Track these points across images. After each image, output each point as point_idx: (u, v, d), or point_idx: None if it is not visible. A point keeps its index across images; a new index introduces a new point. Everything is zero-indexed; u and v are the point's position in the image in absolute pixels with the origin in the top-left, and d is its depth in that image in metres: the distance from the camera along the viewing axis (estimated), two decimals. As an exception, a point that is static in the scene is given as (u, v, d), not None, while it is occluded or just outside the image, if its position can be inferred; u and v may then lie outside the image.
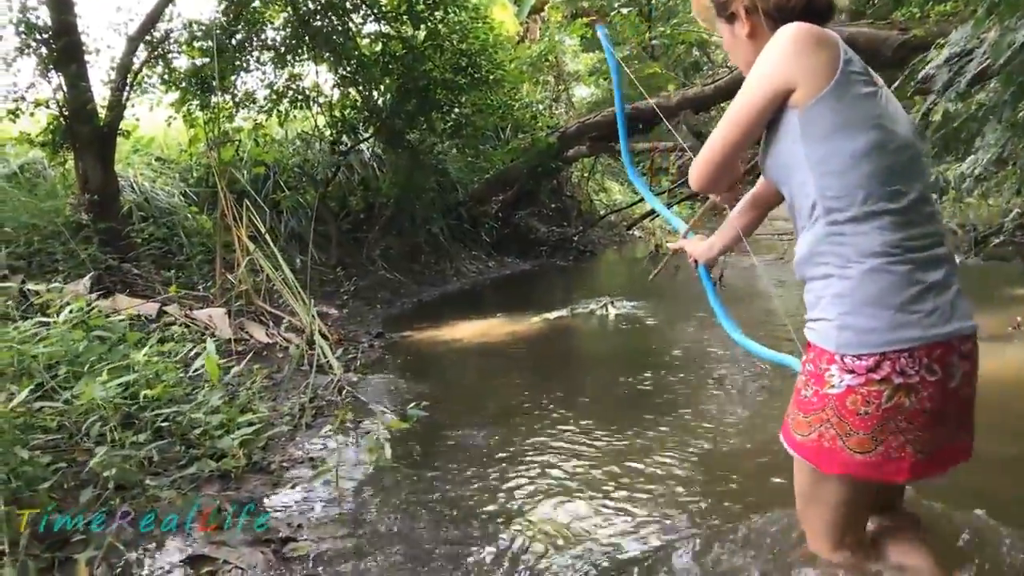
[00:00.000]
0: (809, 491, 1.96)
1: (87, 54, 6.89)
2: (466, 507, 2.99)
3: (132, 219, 6.94)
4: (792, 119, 1.76)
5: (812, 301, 1.85)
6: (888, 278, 1.72)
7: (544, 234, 12.41)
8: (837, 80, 1.71)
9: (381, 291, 8.12)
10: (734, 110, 1.85)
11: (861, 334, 1.72)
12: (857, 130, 1.72)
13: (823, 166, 1.75)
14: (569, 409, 4.19)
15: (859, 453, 1.76)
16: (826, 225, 1.77)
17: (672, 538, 2.63)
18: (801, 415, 1.85)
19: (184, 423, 3.43)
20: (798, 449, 1.87)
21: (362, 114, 8.92)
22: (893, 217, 1.73)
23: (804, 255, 1.85)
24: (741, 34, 1.95)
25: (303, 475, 3.31)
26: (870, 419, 1.73)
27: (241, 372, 4.55)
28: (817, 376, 1.80)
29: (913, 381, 1.70)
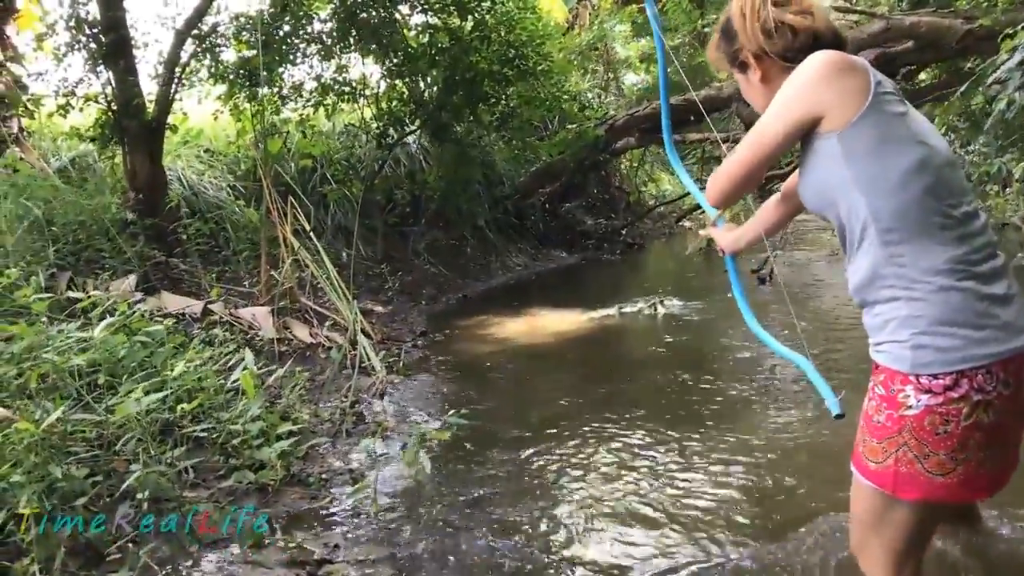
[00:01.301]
0: (875, 519, 1.87)
1: (135, 49, 6.92)
2: (507, 527, 2.91)
3: (180, 213, 6.95)
4: (830, 144, 1.76)
5: (878, 324, 1.81)
6: (957, 296, 1.69)
7: (591, 227, 12.25)
8: (872, 101, 1.72)
9: (426, 286, 8.05)
10: (756, 133, 1.87)
11: (937, 353, 1.68)
12: (902, 147, 1.73)
13: (873, 186, 1.73)
14: (616, 419, 4.08)
15: (939, 475, 1.72)
16: (883, 247, 1.75)
17: (721, 561, 2.53)
18: (874, 441, 1.79)
19: (223, 432, 3.40)
20: (873, 478, 1.81)
21: (408, 106, 8.85)
22: (951, 232, 1.72)
23: (864, 279, 1.81)
24: (754, 80, 2.00)
25: (342, 489, 3.25)
26: (949, 438, 1.69)
27: (284, 375, 4.51)
28: (890, 399, 1.75)
29: (991, 397, 1.67)
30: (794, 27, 1.89)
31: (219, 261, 6.99)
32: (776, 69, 1.93)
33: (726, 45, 2.05)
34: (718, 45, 2.09)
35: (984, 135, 9.19)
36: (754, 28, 1.92)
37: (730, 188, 2.01)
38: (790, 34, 1.89)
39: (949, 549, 2.33)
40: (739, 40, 1.98)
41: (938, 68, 9.77)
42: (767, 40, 1.91)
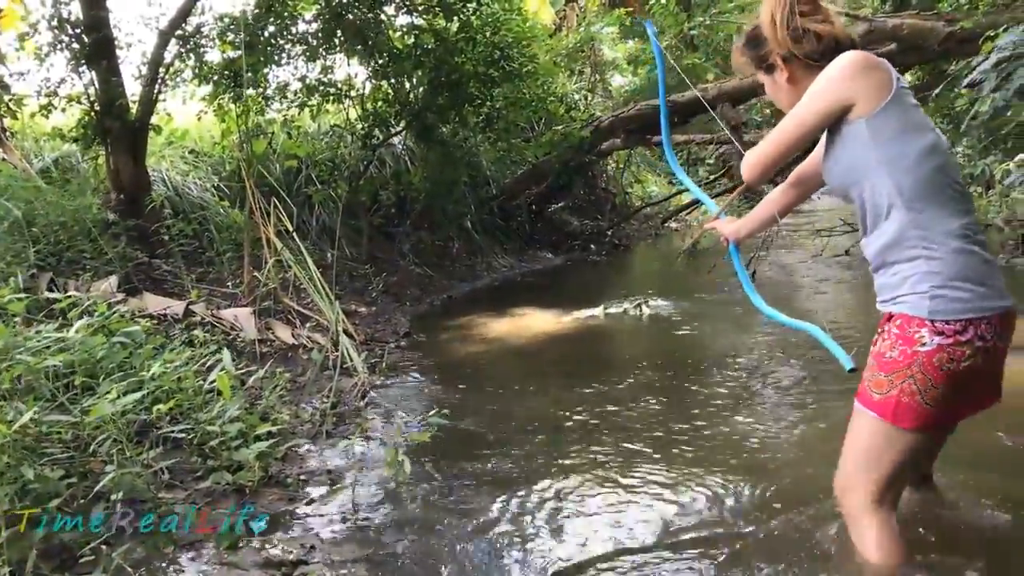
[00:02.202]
0: (874, 448, 2.16)
1: (118, 49, 6.89)
2: (487, 527, 2.89)
3: (163, 214, 6.92)
4: (858, 129, 2.08)
5: (896, 282, 2.11)
6: (968, 257, 2.04)
7: (577, 228, 12.26)
8: (895, 93, 2.06)
9: (411, 287, 8.04)
10: (795, 117, 2.17)
11: (951, 303, 2.01)
12: (918, 133, 2.07)
13: (897, 164, 2.06)
14: (599, 420, 4.07)
15: (932, 406, 2.05)
16: (909, 213, 2.06)
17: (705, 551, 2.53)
18: (882, 375, 2.10)
19: (201, 433, 3.38)
20: (875, 407, 2.12)
21: (394, 107, 8.84)
22: (959, 204, 2.08)
23: (890, 242, 2.11)
24: (781, 81, 2.31)
25: (320, 490, 3.24)
26: (950, 375, 2.02)
27: (264, 376, 4.50)
28: (906, 338, 2.06)
29: (988, 345, 2.03)
30: (819, 33, 2.19)
31: (203, 262, 6.96)
32: (802, 71, 2.24)
33: (752, 50, 2.36)
34: (743, 51, 2.40)
35: (967, 137, 9.25)
36: (784, 34, 2.21)
37: (766, 164, 2.27)
38: (815, 39, 2.19)
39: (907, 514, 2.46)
40: (767, 45, 2.28)
41: (921, 70, 9.83)
42: (795, 45, 2.21)
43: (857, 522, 2.22)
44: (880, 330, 2.16)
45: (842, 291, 7.75)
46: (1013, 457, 3.27)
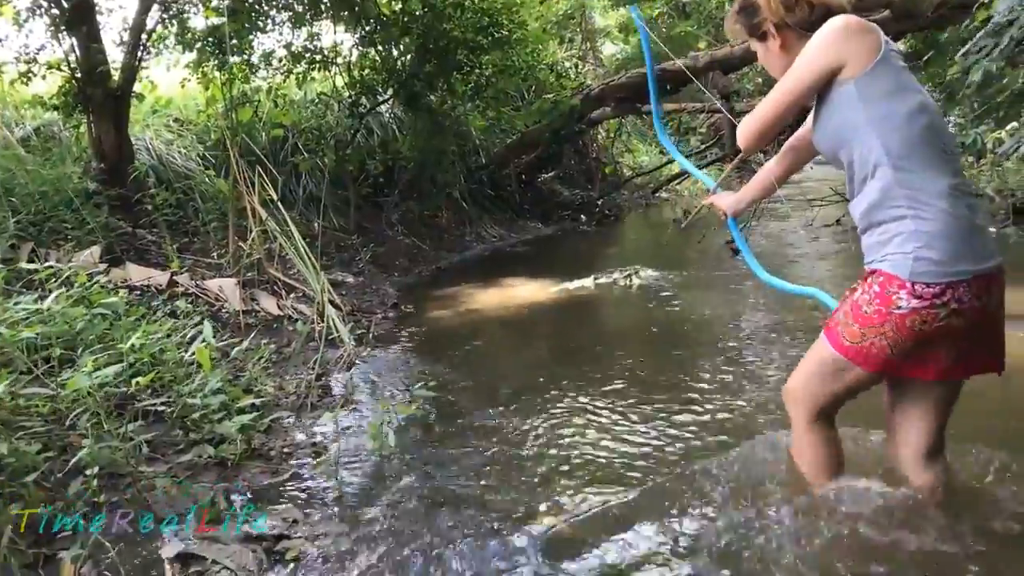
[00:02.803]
0: (825, 373, 2.28)
1: (99, 15, 6.76)
2: (471, 500, 2.85)
3: (147, 184, 6.82)
4: (848, 90, 2.12)
5: (883, 241, 2.14)
6: (954, 219, 2.04)
7: (567, 198, 12.18)
8: (883, 55, 2.09)
9: (399, 258, 7.98)
10: (788, 80, 2.21)
11: (933, 265, 2.03)
12: (906, 93, 2.10)
13: (885, 124, 2.09)
14: (588, 390, 4.02)
15: (899, 356, 2.13)
16: (895, 172, 2.09)
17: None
18: (856, 326, 2.17)
19: (182, 406, 3.33)
20: (843, 351, 2.21)
21: (381, 75, 8.72)
22: (948, 165, 2.09)
23: (876, 201, 2.14)
24: (774, 48, 2.33)
25: (303, 463, 3.20)
26: (922, 334, 2.08)
27: (249, 347, 4.44)
28: (884, 297, 2.10)
29: (965, 307, 2.05)
30: (810, 1, 2.23)
31: (188, 232, 6.88)
32: (794, 38, 2.27)
33: (746, 18, 2.37)
34: (736, 18, 2.40)
35: (960, 106, 9.18)
36: (776, 3, 2.27)
37: (762, 128, 2.31)
38: (807, 7, 2.24)
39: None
40: (761, 13, 2.31)
41: (915, 38, 9.74)
42: (788, 13, 2.26)
43: (797, 428, 2.41)
44: (866, 282, 2.19)
45: (840, 262, 7.73)
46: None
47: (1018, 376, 2.61)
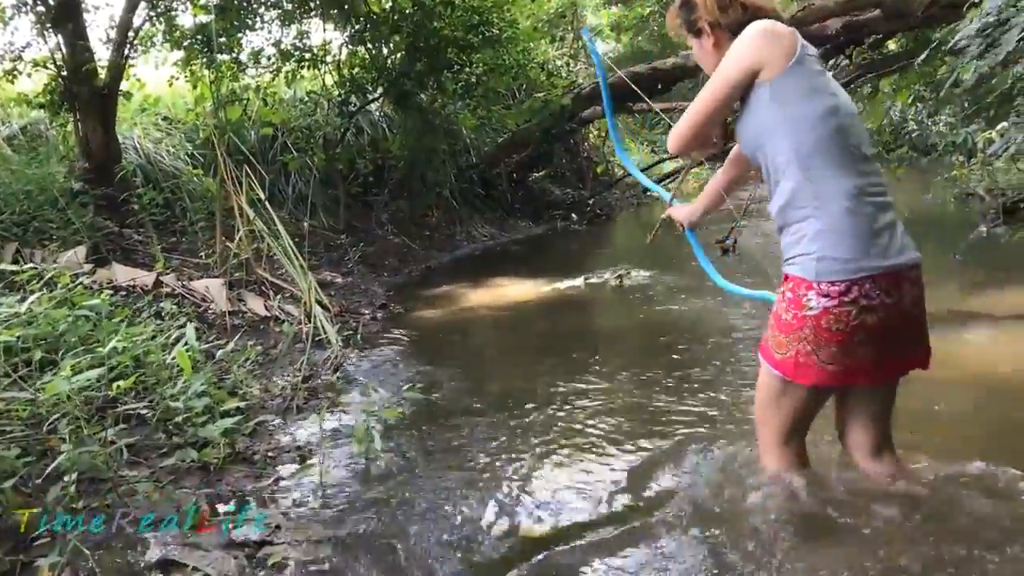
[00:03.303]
0: (773, 399, 2.35)
1: (85, 12, 6.71)
2: (458, 503, 2.81)
3: (135, 183, 6.77)
4: (764, 92, 2.19)
5: (792, 241, 2.22)
6: (857, 218, 2.12)
7: (558, 197, 12.14)
8: (797, 59, 2.16)
9: (388, 257, 7.93)
10: (711, 86, 2.26)
11: (835, 263, 2.11)
12: (818, 96, 2.17)
13: (795, 125, 2.16)
14: (579, 391, 3.99)
15: (829, 364, 2.17)
16: (802, 172, 2.16)
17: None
18: (781, 336, 2.24)
19: (166, 409, 3.29)
20: (777, 366, 2.27)
21: (371, 74, 8.67)
22: (856, 167, 2.16)
23: (786, 201, 2.22)
24: (707, 45, 2.38)
25: (288, 468, 3.15)
26: (840, 335, 2.13)
27: (235, 349, 4.40)
28: (796, 302, 2.18)
29: (875, 303, 2.12)
30: (744, 3, 2.29)
31: (175, 232, 6.83)
32: (725, 38, 2.31)
33: (685, 14, 2.42)
34: (678, 13, 2.44)
35: (950, 105, 9.18)
36: (712, 2, 2.32)
37: (690, 133, 2.35)
38: (741, 9, 2.29)
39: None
40: (697, 10, 2.37)
41: (905, 38, 9.74)
42: (722, 13, 2.31)
43: (764, 455, 2.46)
44: (781, 289, 2.27)
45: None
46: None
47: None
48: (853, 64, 9.65)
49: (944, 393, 3.55)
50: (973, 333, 4.57)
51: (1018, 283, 5.65)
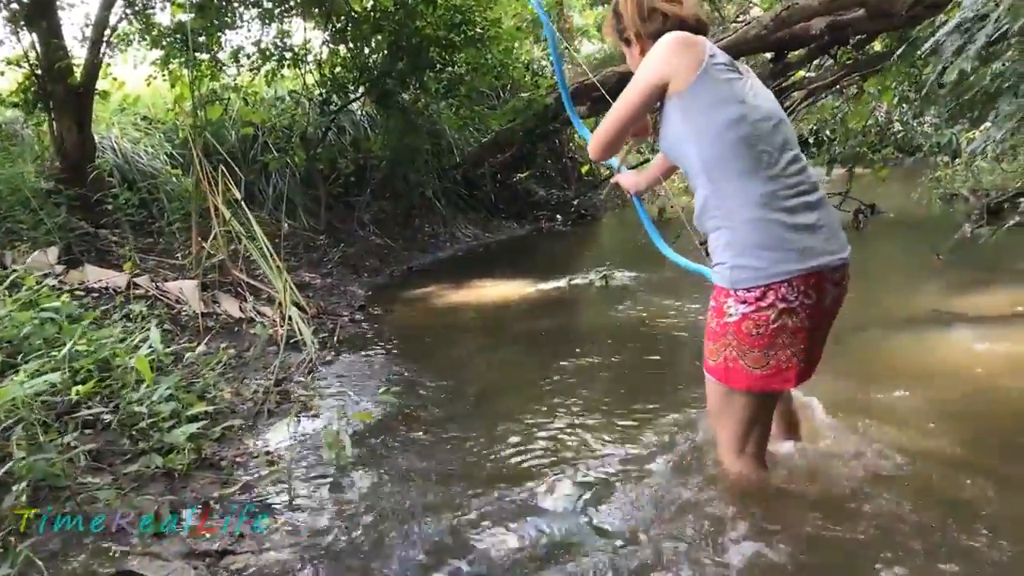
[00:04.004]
0: (719, 406, 2.45)
1: (60, 9, 6.60)
2: (430, 511, 2.72)
3: (112, 182, 6.66)
4: (673, 104, 2.26)
5: (711, 249, 2.33)
6: (765, 225, 2.18)
7: (543, 197, 12.06)
8: (703, 70, 2.20)
9: (369, 258, 7.84)
10: (623, 99, 2.35)
11: (748, 271, 2.19)
12: (724, 106, 2.20)
13: (702, 136, 2.22)
14: (559, 395, 3.89)
15: (756, 368, 2.27)
16: (710, 184, 2.25)
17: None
18: (711, 344, 2.36)
19: (131, 413, 3.20)
20: (712, 372, 2.39)
21: (352, 73, 8.57)
22: (763, 173, 2.19)
23: (698, 212, 2.34)
24: (635, 54, 2.45)
25: (255, 474, 3.07)
26: (761, 339, 2.22)
27: (207, 351, 4.32)
28: (719, 310, 2.29)
29: (794, 305, 2.19)
30: (665, 13, 2.36)
31: (152, 232, 6.73)
32: (650, 47, 2.33)
33: (616, 23, 2.50)
34: (611, 24, 2.53)
35: (935, 106, 9.14)
36: (634, 13, 2.40)
37: (606, 141, 2.49)
38: (661, 18, 2.36)
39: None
40: (624, 21, 2.45)
41: (890, 38, 9.70)
42: (643, 23, 2.40)
43: (724, 457, 2.53)
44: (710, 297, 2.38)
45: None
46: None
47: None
48: (838, 64, 9.61)
49: (927, 393, 3.54)
50: (957, 334, 4.53)
51: (1002, 284, 5.61)
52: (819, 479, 2.69)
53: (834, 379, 3.48)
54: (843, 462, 2.80)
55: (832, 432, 3.04)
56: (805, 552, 2.31)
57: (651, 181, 2.96)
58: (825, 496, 2.60)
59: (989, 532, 2.35)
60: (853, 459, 2.82)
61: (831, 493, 2.62)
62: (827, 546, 2.34)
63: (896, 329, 4.63)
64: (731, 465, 2.50)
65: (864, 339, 4.40)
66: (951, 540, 2.34)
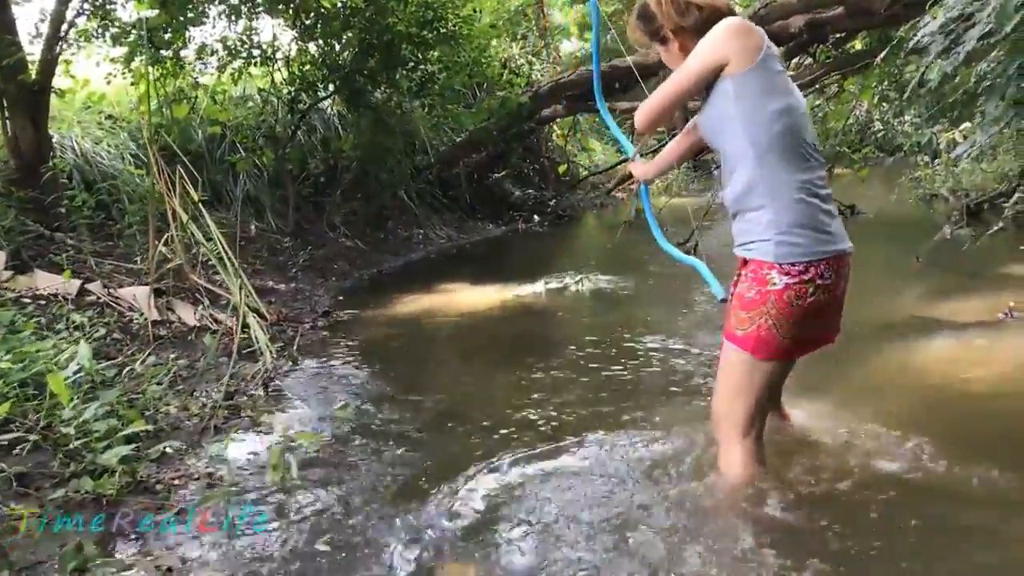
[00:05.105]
0: (738, 380, 2.49)
1: (14, 4, 6.36)
2: (376, 547, 2.52)
3: (71, 184, 6.43)
4: (727, 85, 2.36)
5: (747, 229, 2.44)
6: (806, 208, 2.34)
7: (519, 198, 11.88)
8: (762, 58, 2.33)
9: (338, 261, 7.63)
10: (680, 74, 2.44)
11: (792, 248, 2.33)
12: (777, 95, 2.35)
13: (754, 121, 2.34)
14: (524, 413, 3.67)
15: (786, 338, 2.39)
16: (758, 166, 2.36)
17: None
18: (744, 313, 2.43)
19: (62, 434, 3.00)
20: (739, 341, 2.45)
21: (322, 71, 8.35)
22: (804, 163, 2.37)
23: (742, 191, 2.42)
24: (674, 50, 2.55)
25: (193, 498, 2.87)
26: (799, 309, 2.35)
27: (156, 362, 4.12)
28: (760, 279, 2.38)
29: (828, 283, 2.36)
30: (699, 5, 2.46)
31: (111, 236, 6.50)
32: (690, 40, 2.46)
33: (645, 26, 2.59)
34: (637, 26, 2.61)
35: (915, 106, 9.02)
36: (669, 10, 2.49)
37: (655, 112, 2.55)
38: (697, 11, 2.46)
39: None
40: (657, 20, 2.53)
41: (870, 36, 9.59)
42: (681, 18, 2.48)
43: (729, 445, 2.56)
44: (738, 274, 2.51)
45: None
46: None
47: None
48: (817, 63, 9.49)
49: (907, 399, 3.47)
50: (935, 341, 4.39)
51: (980, 288, 5.47)
52: (794, 485, 2.68)
53: (809, 386, 3.42)
54: (816, 466, 2.82)
55: (806, 438, 3.04)
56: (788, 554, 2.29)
57: (662, 168, 3.11)
58: (800, 500, 2.59)
59: (964, 538, 2.38)
60: (827, 463, 2.84)
61: (804, 497, 2.62)
62: (809, 547, 2.34)
63: (873, 335, 4.47)
64: (736, 451, 2.53)
65: (840, 345, 4.24)
66: (926, 544, 2.36)
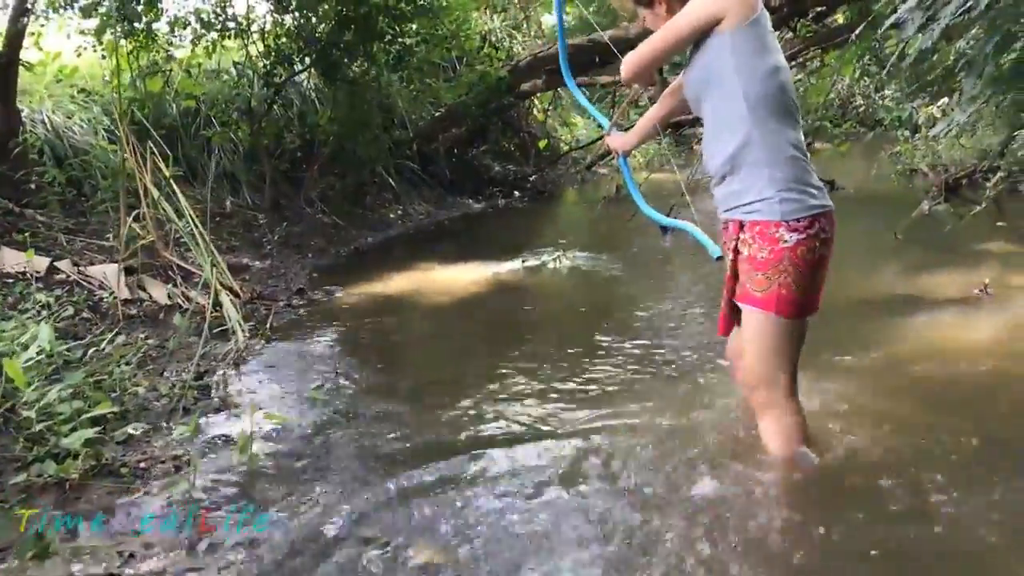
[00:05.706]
0: (775, 341, 2.46)
1: (-22, -26, 6.22)
2: (346, 538, 2.49)
3: (41, 159, 6.32)
4: (722, 39, 2.35)
5: (741, 189, 2.43)
6: (802, 164, 2.39)
7: (499, 173, 11.79)
8: (758, 15, 2.34)
9: (315, 238, 7.54)
10: (672, 25, 2.42)
11: (796, 203, 2.34)
12: (770, 52, 2.38)
13: (752, 76, 2.34)
14: (503, 390, 3.65)
15: (804, 295, 2.40)
16: (755, 123, 2.35)
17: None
18: (760, 274, 2.40)
19: (27, 416, 2.95)
20: (761, 304, 2.42)
21: (297, 43, 8.21)
22: (795, 121, 2.43)
23: (735, 149, 2.40)
24: (661, 12, 2.54)
25: (158, 482, 2.83)
26: (812, 263, 2.37)
27: (125, 342, 4.06)
28: (771, 239, 2.36)
29: (829, 236, 2.40)
30: None
31: (84, 212, 6.39)
32: (677, 2, 2.46)
33: None
34: None
35: (895, 80, 8.99)
36: None
37: (642, 62, 2.52)
38: None
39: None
40: None
41: (851, 10, 9.53)
42: None
43: (772, 412, 2.54)
44: (741, 237, 2.45)
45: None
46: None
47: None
48: (798, 36, 9.43)
49: (882, 376, 3.48)
50: (914, 317, 4.38)
51: (959, 264, 5.46)
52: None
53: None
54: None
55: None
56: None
57: (643, 134, 3.02)
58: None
59: (951, 521, 2.35)
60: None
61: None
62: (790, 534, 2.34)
63: (849, 311, 4.46)
64: (782, 414, 2.52)
65: (814, 321, 4.23)
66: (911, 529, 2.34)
